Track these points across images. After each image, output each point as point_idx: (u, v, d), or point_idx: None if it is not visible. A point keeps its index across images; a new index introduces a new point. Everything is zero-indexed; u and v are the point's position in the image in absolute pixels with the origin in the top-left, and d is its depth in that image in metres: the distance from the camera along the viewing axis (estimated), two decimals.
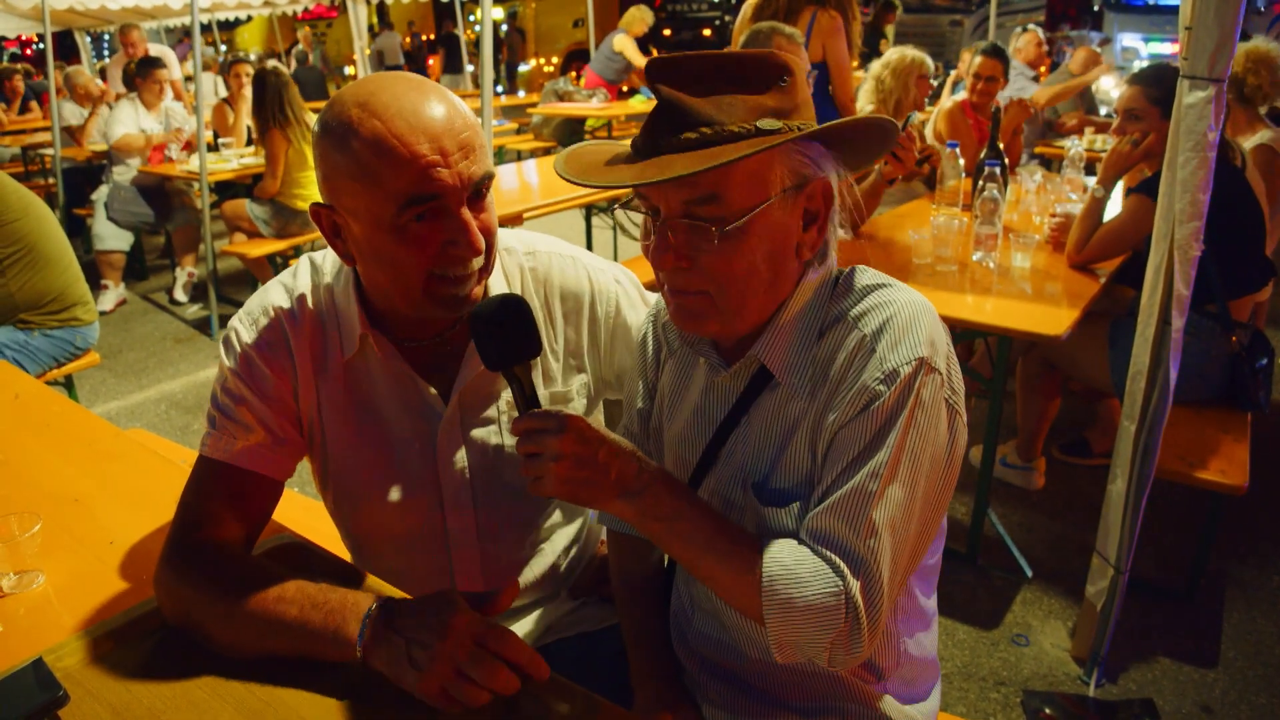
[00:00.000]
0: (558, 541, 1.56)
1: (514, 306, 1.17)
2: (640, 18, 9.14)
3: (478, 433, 1.43)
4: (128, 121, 6.31)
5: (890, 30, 9.43)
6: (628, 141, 1.16)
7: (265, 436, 1.34)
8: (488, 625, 1.10)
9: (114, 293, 6.23)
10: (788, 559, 1.08)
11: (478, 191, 1.22)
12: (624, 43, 9.08)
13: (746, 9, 4.46)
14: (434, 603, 1.12)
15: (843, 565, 1.06)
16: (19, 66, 10.95)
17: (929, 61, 4.45)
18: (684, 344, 1.32)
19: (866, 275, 1.21)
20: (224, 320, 5.78)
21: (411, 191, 1.15)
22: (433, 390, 1.40)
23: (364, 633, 1.11)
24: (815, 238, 1.17)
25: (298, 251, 5.56)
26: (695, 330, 1.20)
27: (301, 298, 1.38)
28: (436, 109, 1.17)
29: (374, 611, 1.13)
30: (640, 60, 9.08)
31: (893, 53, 4.50)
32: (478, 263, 1.24)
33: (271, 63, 6.01)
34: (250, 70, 6.59)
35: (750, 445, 1.22)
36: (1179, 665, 2.62)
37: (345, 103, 1.18)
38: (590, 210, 6.33)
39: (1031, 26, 6.73)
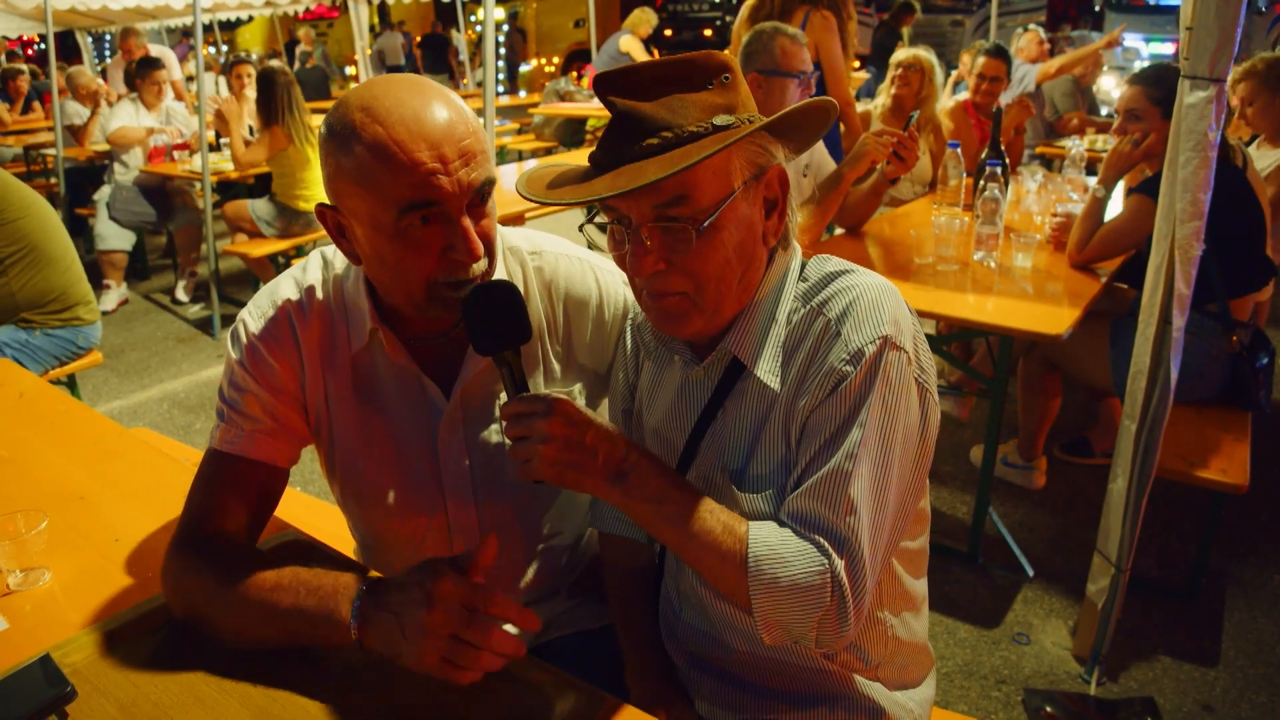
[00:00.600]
0: (559, 539, 1.56)
1: (503, 292, 1.19)
2: (645, 19, 9.16)
3: (479, 431, 1.44)
4: (126, 118, 6.32)
5: (907, 32, 9.43)
6: (583, 157, 1.18)
7: (271, 425, 1.35)
8: (472, 588, 1.09)
9: (116, 292, 6.24)
10: (772, 539, 1.10)
11: (479, 197, 1.22)
12: (630, 43, 9.09)
13: (744, 10, 4.47)
14: (417, 574, 1.11)
15: (826, 544, 1.08)
16: (24, 66, 10.94)
17: (931, 59, 4.49)
18: (659, 343, 1.34)
19: (829, 263, 1.24)
20: (226, 320, 5.79)
21: (411, 197, 1.16)
22: (436, 387, 1.41)
23: (356, 613, 1.12)
24: (777, 224, 1.21)
25: (300, 251, 5.57)
26: (677, 332, 1.22)
27: (310, 291, 1.39)
28: (439, 115, 1.18)
29: (364, 591, 1.14)
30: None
31: (903, 53, 4.54)
32: (478, 268, 1.25)
33: (276, 63, 6.02)
34: (252, 71, 6.61)
35: (727, 435, 1.24)
36: (1180, 664, 2.63)
37: (350, 106, 1.19)
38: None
39: (1033, 26, 6.73)
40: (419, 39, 17.38)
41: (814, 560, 1.07)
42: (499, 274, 1.40)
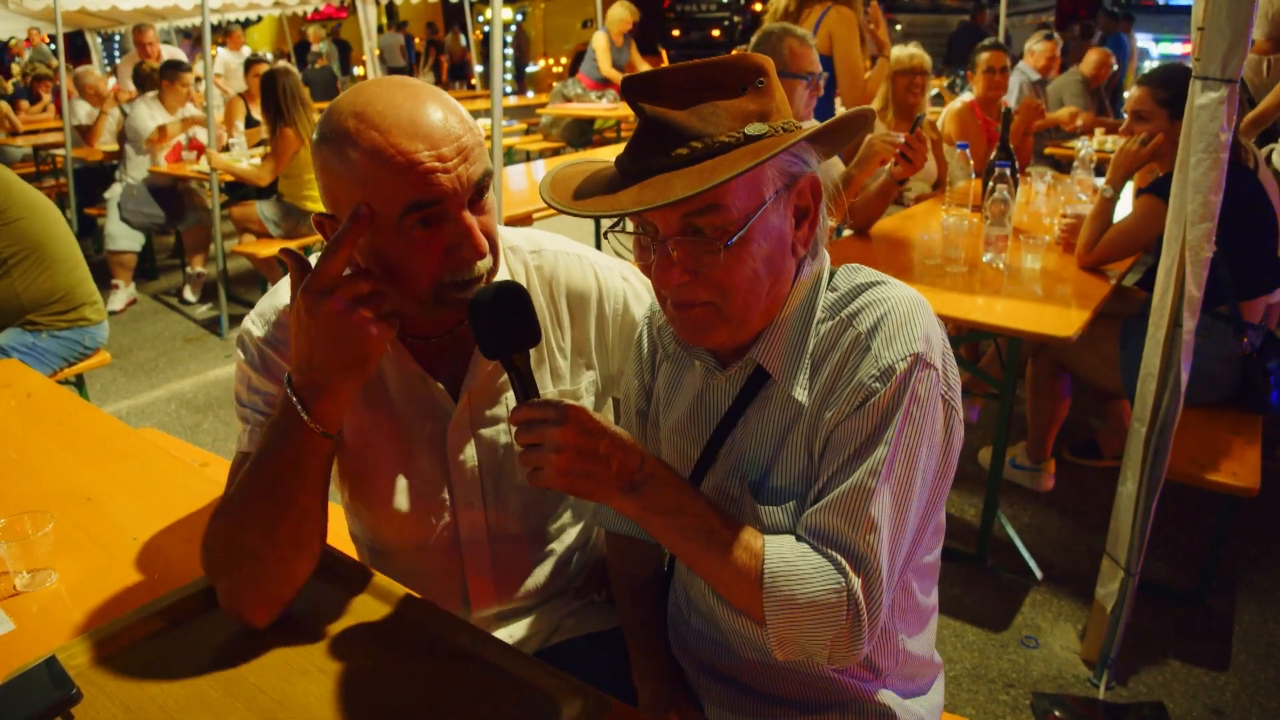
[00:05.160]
0: (567, 540, 1.56)
1: (512, 294, 1.16)
2: (621, 16, 8.83)
3: (487, 431, 1.44)
4: (148, 119, 6.32)
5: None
6: (610, 157, 1.16)
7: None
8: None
9: (124, 292, 6.26)
10: (789, 555, 1.08)
11: (478, 192, 1.22)
12: (599, 41, 8.93)
13: (768, 15, 4.46)
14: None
15: (843, 561, 1.06)
16: (49, 71, 11.02)
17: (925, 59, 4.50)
18: (680, 347, 1.32)
19: (860, 273, 1.22)
20: (234, 320, 5.80)
21: (413, 198, 1.15)
22: (442, 388, 1.40)
23: (290, 383, 1.18)
24: (808, 233, 1.18)
25: (308, 251, 5.57)
26: (703, 343, 1.20)
27: None
28: (433, 115, 1.17)
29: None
30: (607, 65, 8.93)
31: (899, 52, 4.52)
32: (484, 265, 1.24)
33: (281, 63, 6.03)
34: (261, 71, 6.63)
35: (747, 444, 1.22)
36: (1189, 668, 2.61)
37: (342, 113, 1.17)
38: None
39: (1055, 36, 6.69)
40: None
41: (832, 578, 1.05)
42: (502, 273, 1.39)
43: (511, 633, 1.52)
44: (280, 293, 1.40)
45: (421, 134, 1.15)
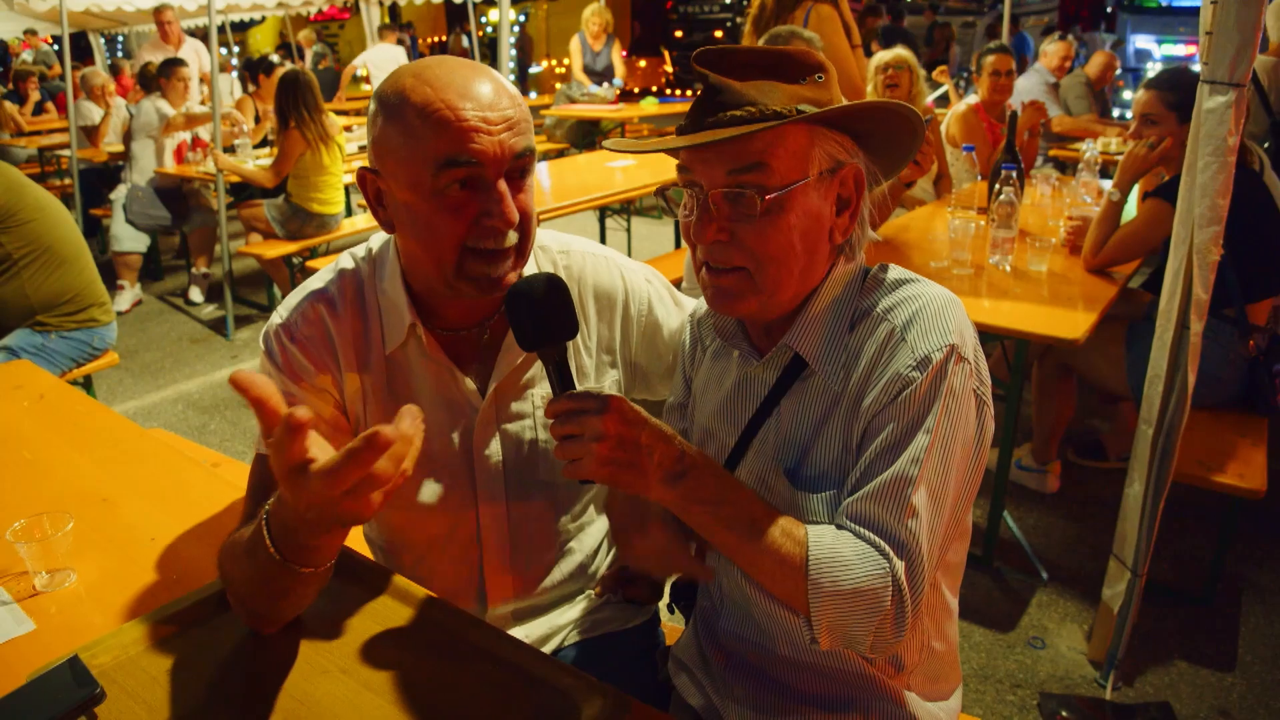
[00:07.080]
0: (586, 540, 1.57)
1: (552, 285, 1.19)
2: (588, 16, 8.80)
3: (511, 426, 1.45)
4: (154, 115, 6.34)
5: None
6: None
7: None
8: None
9: (130, 293, 6.27)
10: (833, 542, 1.09)
11: (519, 169, 1.25)
12: (572, 44, 8.96)
13: (749, 19, 4.46)
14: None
15: (886, 547, 1.07)
16: (34, 68, 11.01)
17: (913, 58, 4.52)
18: (719, 337, 1.34)
19: (894, 271, 1.25)
20: (239, 320, 5.82)
21: (450, 152, 1.19)
22: (470, 383, 1.41)
23: (267, 517, 1.10)
24: (847, 223, 1.21)
25: (313, 253, 5.58)
26: (731, 311, 1.22)
27: (343, 290, 1.39)
28: (485, 85, 1.23)
29: (269, 505, 1.12)
30: (578, 68, 8.95)
31: (885, 54, 4.52)
32: (512, 238, 1.26)
33: (298, 64, 6.06)
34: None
35: (783, 433, 1.23)
36: (1196, 669, 2.62)
37: (402, 74, 1.25)
38: (604, 212, 6.33)
39: (1069, 38, 6.71)
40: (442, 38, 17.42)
41: (876, 563, 1.06)
42: (530, 270, 1.41)
43: (528, 631, 1.52)
44: (311, 285, 1.41)
45: (471, 96, 1.21)
